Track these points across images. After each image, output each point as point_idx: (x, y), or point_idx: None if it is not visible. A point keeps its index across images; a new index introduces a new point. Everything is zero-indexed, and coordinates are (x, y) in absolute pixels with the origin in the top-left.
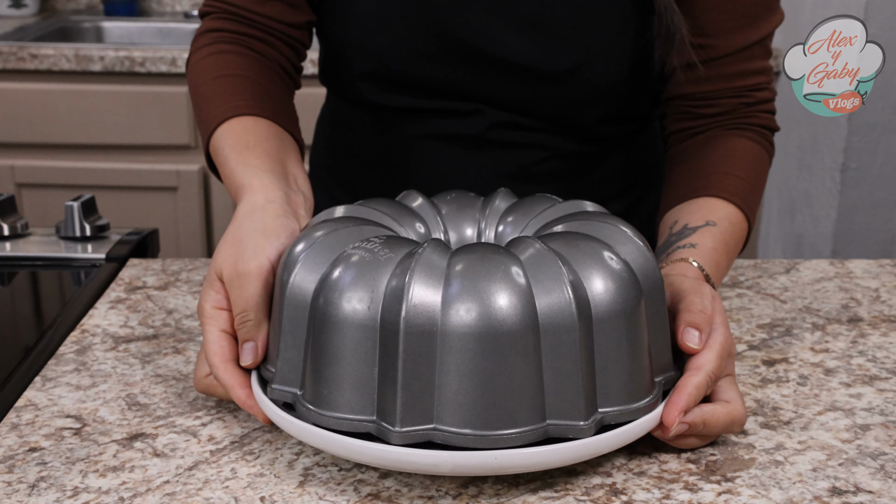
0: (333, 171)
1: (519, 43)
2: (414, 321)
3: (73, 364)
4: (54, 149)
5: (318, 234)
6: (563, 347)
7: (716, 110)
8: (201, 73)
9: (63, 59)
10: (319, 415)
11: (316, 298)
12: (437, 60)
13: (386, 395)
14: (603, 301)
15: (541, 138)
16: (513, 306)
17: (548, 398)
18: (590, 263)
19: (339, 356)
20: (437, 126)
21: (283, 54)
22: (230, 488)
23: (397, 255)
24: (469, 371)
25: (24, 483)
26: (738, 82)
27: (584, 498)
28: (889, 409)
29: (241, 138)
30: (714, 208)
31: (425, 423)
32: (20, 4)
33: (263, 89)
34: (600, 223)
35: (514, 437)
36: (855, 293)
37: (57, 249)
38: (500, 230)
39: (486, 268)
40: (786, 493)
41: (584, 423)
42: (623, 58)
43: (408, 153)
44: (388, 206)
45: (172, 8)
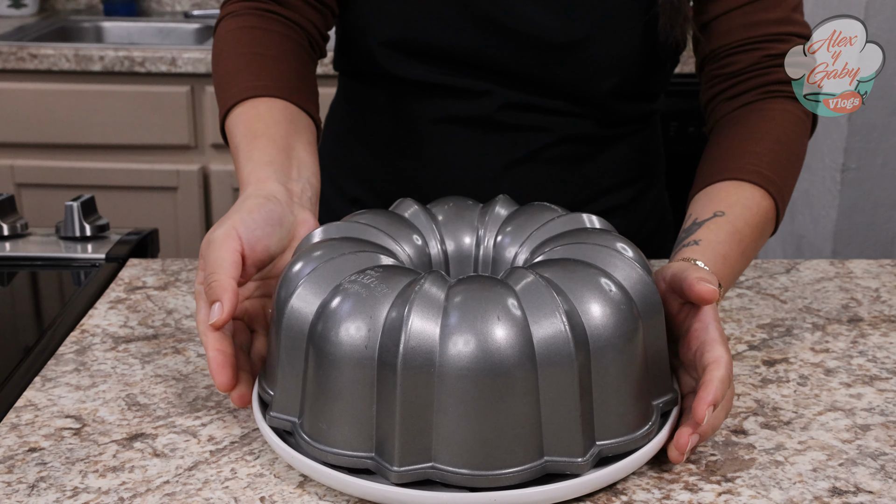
0: (342, 159)
1: (536, 13)
2: (411, 362)
3: (72, 364)
4: (54, 149)
5: (316, 254)
6: (560, 384)
7: (738, 66)
8: (226, 47)
9: (63, 59)
10: (319, 449)
11: (314, 331)
12: (455, 28)
13: (384, 433)
14: (600, 331)
15: (549, 121)
16: (510, 345)
17: (545, 434)
18: (586, 293)
19: (338, 393)
20: (448, 107)
21: (310, 18)
22: (230, 488)
23: (394, 290)
24: (466, 411)
25: (24, 483)
26: (754, 32)
27: (585, 498)
28: (889, 410)
29: (252, 125)
30: (727, 195)
31: (423, 462)
32: (20, 4)
33: (285, 65)
34: (599, 246)
35: (512, 476)
36: (855, 293)
37: (57, 249)
38: (499, 240)
39: (482, 306)
40: (786, 494)
41: (582, 459)
42: (634, 29)
43: (418, 137)
44: (384, 220)
45: (172, 8)
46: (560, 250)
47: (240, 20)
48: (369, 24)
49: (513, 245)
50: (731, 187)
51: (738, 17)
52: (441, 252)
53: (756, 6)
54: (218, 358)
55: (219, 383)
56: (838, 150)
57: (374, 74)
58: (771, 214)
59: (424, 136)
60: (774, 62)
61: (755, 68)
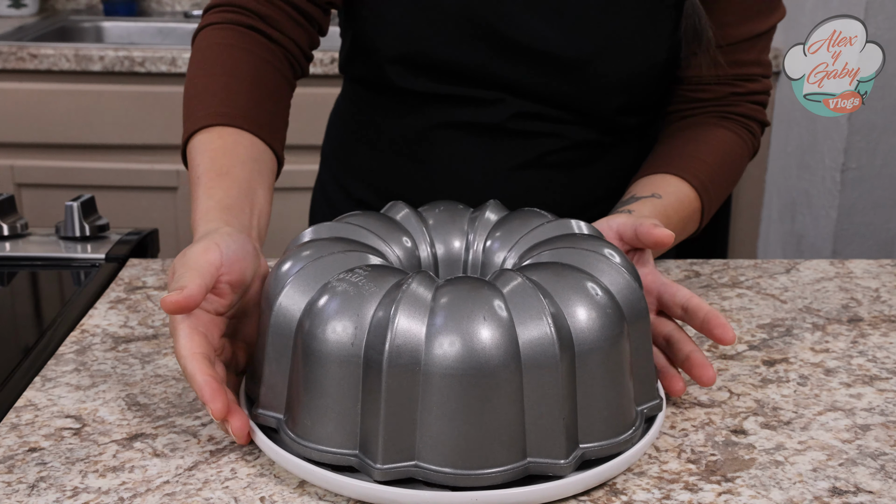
0: (348, 160)
1: (545, 29)
2: (397, 360)
3: (72, 364)
4: (54, 149)
5: (305, 253)
6: (545, 385)
7: (707, 95)
8: (203, 62)
9: (63, 59)
10: (302, 446)
11: (300, 329)
12: (466, 45)
13: (368, 431)
14: (586, 334)
15: (559, 128)
16: (496, 346)
17: (529, 436)
18: (573, 296)
19: (323, 390)
20: (458, 114)
21: (293, 38)
22: (230, 488)
23: (381, 289)
24: (451, 410)
25: (24, 483)
26: (731, 70)
27: (585, 498)
28: (889, 410)
29: (217, 160)
30: (667, 185)
31: (407, 460)
32: (20, 4)
33: (258, 94)
34: (586, 251)
35: (495, 476)
36: (855, 293)
37: (57, 249)
38: (488, 245)
39: (468, 306)
40: (786, 494)
41: (565, 461)
42: (652, 52)
43: (425, 141)
44: (374, 221)
45: (172, 8)
46: (548, 254)
47: (221, 35)
48: (377, 39)
49: (501, 250)
50: (673, 181)
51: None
52: (431, 255)
53: (737, 47)
54: (212, 384)
55: (215, 410)
56: (838, 150)
57: (383, 85)
58: (696, 217)
59: (432, 140)
60: (740, 98)
61: (721, 101)
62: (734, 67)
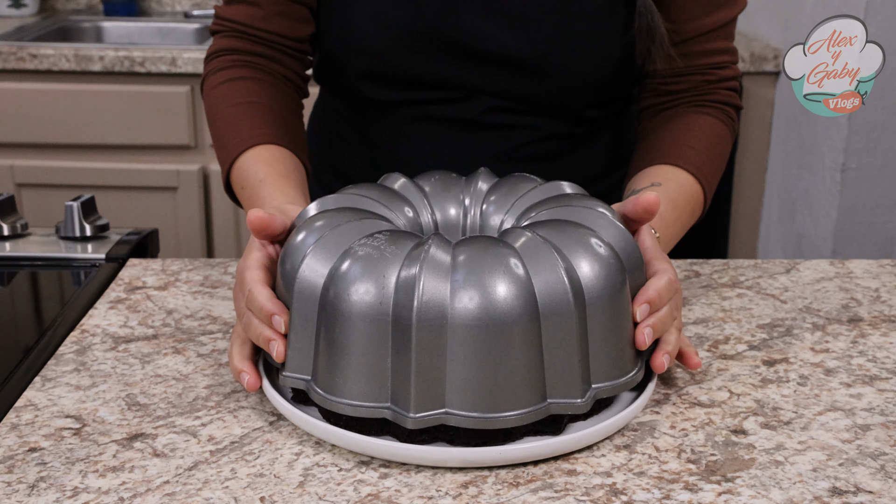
0: (326, 160)
1: (501, 33)
2: (425, 315)
3: (72, 364)
4: (54, 149)
5: (319, 223)
6: (561, 331)
7: (681, 87)
8: (220, 98)
9: (63, 59)
10: (335, 402)
11: (325, 293)
12: (430, 57)
13: (400, 384)
14: (593, 285)
15: (531, 120)
16: (514, 296)
17: (548, 379)
18: (579, 250)
19: (353, 349)
20: (433, 111)
21: (291, 68)
22: (230, 488)
23: (402, 251)
24: (476, 359)
25: (24, 483)
26: (701, 60)
27: (584, 498)
28: (889, 410)
29: (274, 165)
30: (664, 173)
31: (437, 408)
32: (20, 4)
33: (279, 116)
34: (582, 208)
35: (519, 417)
36: (855, 293)
37: (57, 249)
38: (484, 209)
39: (487, 262)
40: (786, 494)
41: (582, 399)
42: (607, 50)
43: (402, 137)
44: (376, 191)
45: (172, 8)
46: (547, 213)
47: (228, 72)
48: (348, 59)
49: (498, 213)
50: (668, 169)
51: (687, 45)
52: (432, 221)
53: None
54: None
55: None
56: (838, 150)
57: (355, 97)
58: (700, 199)
59: (409, 137)
60: (712, 86)
61: (694, 91)
62: (704, 57)
